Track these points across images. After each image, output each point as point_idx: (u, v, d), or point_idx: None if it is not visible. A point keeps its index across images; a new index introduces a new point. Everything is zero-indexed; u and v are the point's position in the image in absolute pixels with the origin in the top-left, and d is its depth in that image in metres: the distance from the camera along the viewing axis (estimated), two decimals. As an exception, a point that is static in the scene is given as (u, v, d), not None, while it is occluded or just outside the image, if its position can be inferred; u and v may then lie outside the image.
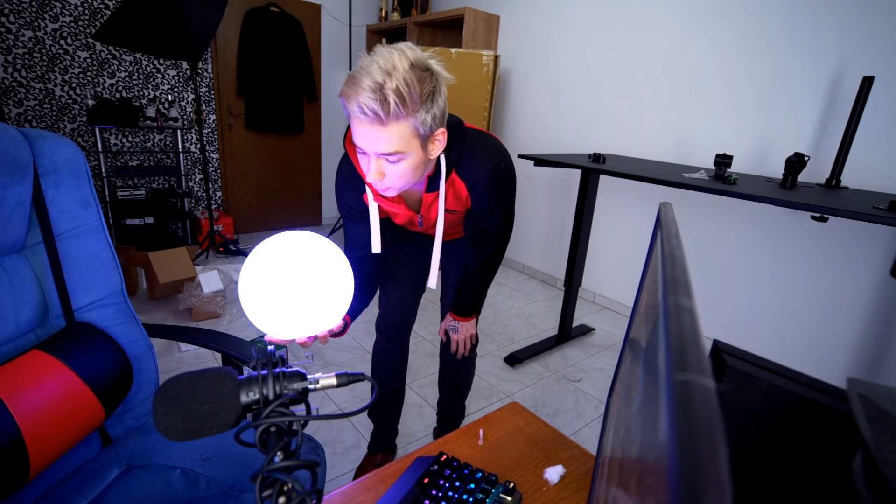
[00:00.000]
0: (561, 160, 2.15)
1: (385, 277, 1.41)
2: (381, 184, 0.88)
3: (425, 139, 0.86)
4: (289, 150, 4.29)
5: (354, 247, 1.14)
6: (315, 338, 0.76)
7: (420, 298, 1.47)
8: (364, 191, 1.05)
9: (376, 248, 1.09)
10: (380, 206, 1.08)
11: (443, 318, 1.43)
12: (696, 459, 0.15)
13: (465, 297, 1.30)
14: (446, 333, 1.39)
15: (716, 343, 0.43)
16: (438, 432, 1.73)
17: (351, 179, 1.06)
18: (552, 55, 3.19)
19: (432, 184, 1.02)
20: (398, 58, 0.78)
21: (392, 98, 0.76)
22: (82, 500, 0.81)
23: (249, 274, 0.57)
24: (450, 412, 1.64)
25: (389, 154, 0.83)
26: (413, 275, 1.39)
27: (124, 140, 3.52)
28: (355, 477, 1.53)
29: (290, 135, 4.23)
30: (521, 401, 2.01)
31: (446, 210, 1.10)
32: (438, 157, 0.98)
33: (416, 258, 1.37)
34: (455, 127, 1.00)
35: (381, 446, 1.56)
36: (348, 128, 1.00)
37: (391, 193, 0.93)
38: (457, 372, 1.56)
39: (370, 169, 0.86)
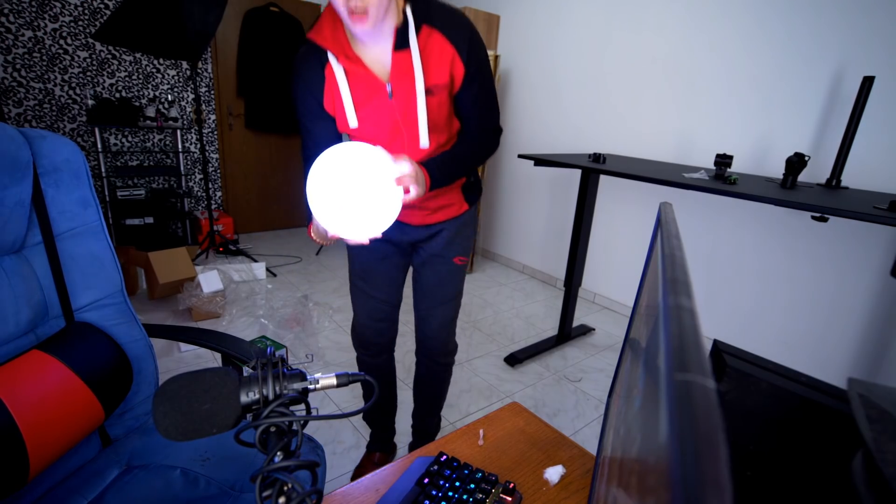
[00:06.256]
0: (561, 160, 2.15)
1: (354, 289, 1.33)
2: (362, 2, 0.84)
3: None
4: (289, 150, 4.29)
5: (315, 153, 1.09)
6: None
7: (398, 310, 1.37)
8: (327, 61, 0.99)
9: (353, 122, 1.02)
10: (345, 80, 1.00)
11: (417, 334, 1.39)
12: (697, 459, 0.15)
13: (441, 157, 1.05)
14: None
15: (716, 343, 0.43)
16: (413, 446, 1.62)
17: (310, 55, 1.02)
18: (552, 55, 3.19)
19: (402, 39, 0.94)
20: None
21: None
22: (82, 500, 0.81)
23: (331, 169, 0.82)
24: (426, 423, 1.56)
25: None
26: (386, 286, 1.30)
27: (124, 140, 3.52)
28: (353, 476, 1.53)
29: (290, 135, 4.23)
30: (521, 401, 2.01)
31: (427, 89, 1.00)
32: (404, 10, 0.94)
33: (384, 269, 1.29)
34: None
35: (379, 446, 1.56)
36: (316, 21, 0.97)
37: (369, 23, 0.87)
38: (433, 375, 1.45)
39: None
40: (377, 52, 0.98)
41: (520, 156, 2.32)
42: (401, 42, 0.94)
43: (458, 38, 0.97)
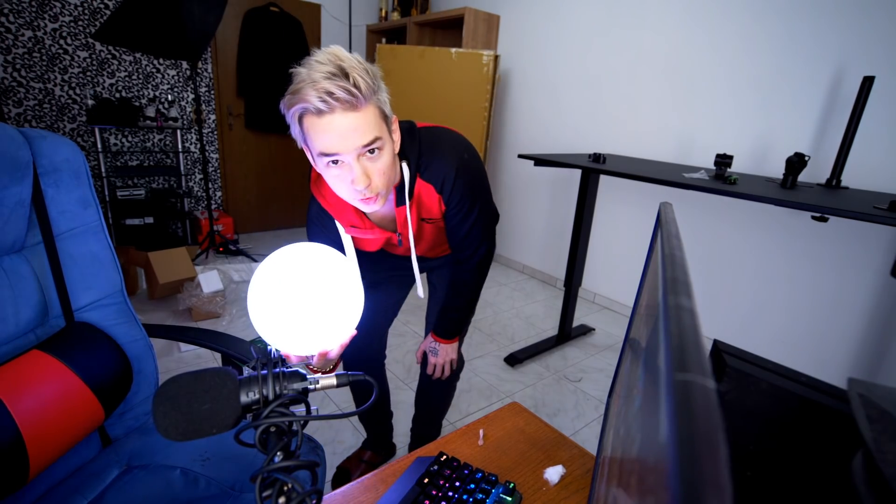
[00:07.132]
0: (561, 160, 2.15)
1: None
2: (370, 189, 0.81)
3: (388, 124, 0.83)
4: (289, 150, 4.29)
5: None
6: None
7: (386, 330, 1.41)
8: (335, 227, 1.02)
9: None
10: (353, 237, 1.04)
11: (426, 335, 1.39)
12: (696, 459, 0.15)
13: (448, 317, 1.22)
14: (424, 356, 1.30)
15: (716, 343, 0.43)
16: (413, 447, 1.64)
17: (321, 218, 1.02)
18: (552, 55, 3.19)
19: (401, 196, 0.98)
20: (335, 49, 0.76)
21: (356, 75, 0.73)
22: (82, 500, 0.81)
23: (262, 292, 0.55)
24: (425, 430, 1.55)
25: (370, 144, 0.77)
26: (385, 299, 1.33)
27: (124, 140, 3.52)
28: (338, 469, 1.53)
29: (289, 135, 4.22)
30: (521, 401, 2.01)
31: (422, 219, 1.06)
32: (400, 166, 0.95)
33: (388, 282, 1.31)
34: (408, 131, 0.96)
35: (372, 446, 1.56)
36: (310, 169, 0.97)
37: (379, 201, 0.86)
38: (434, 392, 1.45)
39: (356, 174, 0.78)
40: (383, 211, 1.01)
41: (520, 156, 2.32)
42: (400, 201, 0.98)
43: (439, 181, 1.00)
